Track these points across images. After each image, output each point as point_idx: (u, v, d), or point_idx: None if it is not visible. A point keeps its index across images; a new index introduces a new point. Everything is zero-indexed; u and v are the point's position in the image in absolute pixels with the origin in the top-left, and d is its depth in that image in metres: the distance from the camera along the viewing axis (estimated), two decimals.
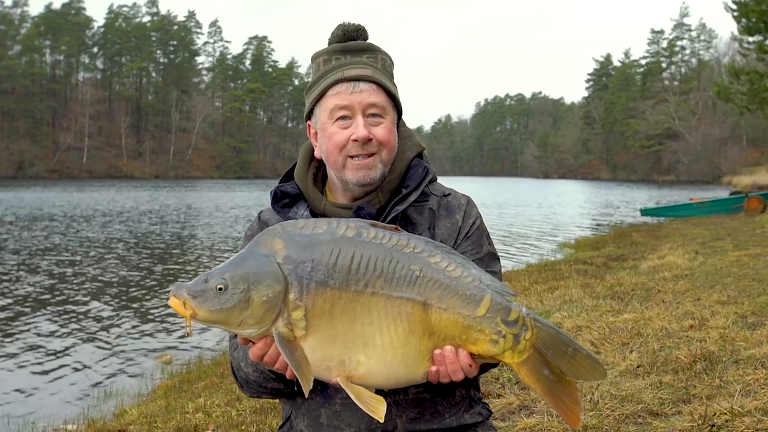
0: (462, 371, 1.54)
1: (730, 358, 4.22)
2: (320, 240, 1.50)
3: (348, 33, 1.84)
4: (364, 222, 1.56)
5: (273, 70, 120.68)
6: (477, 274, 1.55)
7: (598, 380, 1.97)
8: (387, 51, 1.88)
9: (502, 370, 4.48)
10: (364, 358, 1.49)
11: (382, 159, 1.79)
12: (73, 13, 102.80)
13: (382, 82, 1.79)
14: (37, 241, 18.41)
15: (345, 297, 1.48)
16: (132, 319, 9.74)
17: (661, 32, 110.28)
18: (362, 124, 1.75)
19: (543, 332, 1.55)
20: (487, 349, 1.53)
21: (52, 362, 7.60)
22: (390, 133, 1.79)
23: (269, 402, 4.51)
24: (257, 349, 1.54)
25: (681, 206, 24.12)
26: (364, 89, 1.76)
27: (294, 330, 1.48)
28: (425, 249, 1.54)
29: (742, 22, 24.49)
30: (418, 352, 1.52)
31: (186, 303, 1.47)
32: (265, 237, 1.52)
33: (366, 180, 1.78)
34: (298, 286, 1.47)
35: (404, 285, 1.49)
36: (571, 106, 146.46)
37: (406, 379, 1.55)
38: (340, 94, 1.76)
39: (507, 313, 1.53)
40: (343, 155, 1.77)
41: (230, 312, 1.46)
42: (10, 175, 79.26)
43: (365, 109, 1.76)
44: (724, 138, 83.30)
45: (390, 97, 1.81)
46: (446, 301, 1.51)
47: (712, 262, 9.18)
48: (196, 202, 38.95)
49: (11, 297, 11.03)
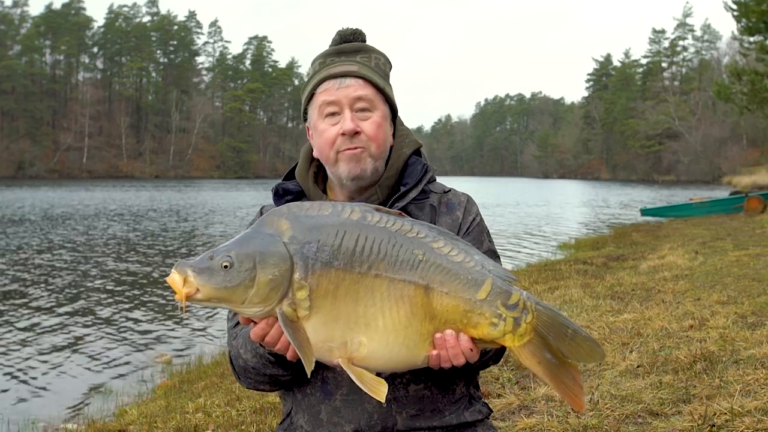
0: (463, 355, 1.55)
1: (730, 358, 4.22)
2: (326, 222, 1.51)
3: (344, 37, 1.86)
4: (369, 206, 1.58)
5: (273, 70, 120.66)
6: (479, 260, 1.56)
7: (597, 361, 1.99)
8: (384, 52, 1.88)
9: (502, 370, 4.48)
10: (366, 339, 1.50)
11: (372, 153, 1.80)
12: (73, 13, 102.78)
13: (368, 76, 1.80)
14: (36, 241, 18.41)
15: (349, 278, 1.49)
16: (132, 318, 9.74)
17: (662, 32, 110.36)
18: (349, 117, 1.77)
19: (543, 315, 1.55)
20: (488, 333, 1.54)
21: (52, 362, 7.60)
22: (379, 128, 1.80)
23: (269, 402, 4.51)
24: (259, 329, 1.55)
25: (681, 206, 24.11)
26: (350, 84, 1.78)
27: (297, 310, 1.48)
28: (428, 234, 1.55)
29: (743, 22, 24.51)
30: (420, 335, 1.53)
31: (188, 280, 1.46)
32: (271, 217, 1.53)
33: (356, 172, 1.79)
34: (303, 266, 1.47)
35: (407, 268, 1.51)
36: (571, 106, 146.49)
37: (406, 362, 1.56)
38: (328, 90, 1.78)
39: (507, 296, 1.53)
40: (334, 151, 1.79)
41: (235, 290, 1.46)
42: (10, 175, 79.28)
43: (352, 103, 1.78)
44: (724, 138, 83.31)
45: (380, 92, 1.82)
46: (448, 284, 1.52)
47: (712, 262, 9.18)
48: (196, 201, 38.95)
49: (11, 297, 11.03)
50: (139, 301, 10.99)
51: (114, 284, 12.40)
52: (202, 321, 9.57)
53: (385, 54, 1.88)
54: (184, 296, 1.46)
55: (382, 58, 1.87)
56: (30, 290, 11.65)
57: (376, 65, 1.84)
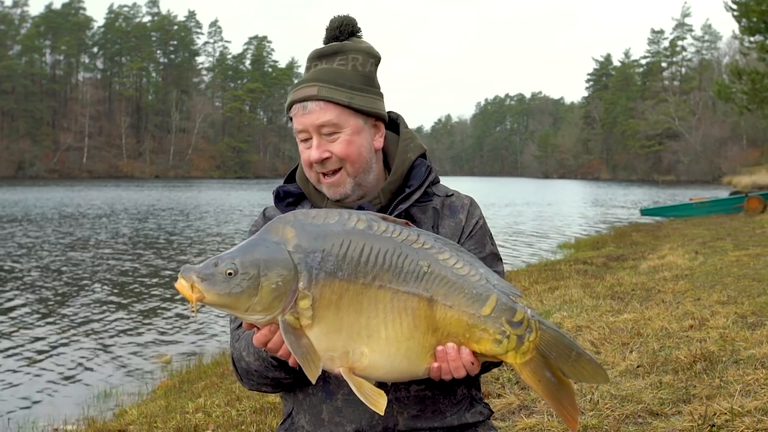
0: (464, 368, 1.55)
1: (730, 358, 4.21)
2: (331, 231, 1.51)
3: (330, 32, 1.84)
4: (376, 215, 1.57)
5: (273, 70, 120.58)
6: (484, 273, 1.56)
7: (600, 383, 1.99)
8: (369, 44, 1.85)
9: (503, 371, 4.48)
10: (367, 350, 1.50)
11: (349, 172, 1.79)
12: (73, 13, 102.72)
13: (328, 98, 1.76)
14: (36, 241, 18.40)
15: (353, 289, 1.48)
16: (132, 318, 9.73)
17: (661, 32, 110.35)
18: (315, 145, 1.78)
19: (547, 335, 1.55)
20: (491, 349, 1.54)
21: (52, 362, 7.59)
22: (349, 145, 1.78)
23: (269, 402, 4.51)
24: (261, 336, 1.55)
25: (681, 206, 24.12)
26: (313, 110, 1.77)
27: (300, 319, 1.48)
28: (434, 245, 1.55)
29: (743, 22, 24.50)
30: (422, 347, 1.52)
31: (194, 286, 1.46)
32: (277, 224, 1.53)
33: (337, 196, 1.82)
34: (308, 275, 1.47)
35: (411, 280, 1.50)
36: (571, 106, 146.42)
37: (408, 373, 1.56)
38: (296, 116, 1.80)
39: (512, 313, 1.53)
40: (314, 172, 1.82)
41: (238, 297, 1.47)
42: (10, 175, 79.27)
43: (317, 129, 1.78)
44: (724, 138, 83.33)
45: (347, 108, 1.77)
46: (452, 298, 1.51)
47: (712, 262, 9.18)
48: (197, 201, 38.95)
49: (10, 297, 11.03)
50: (139, 300, 10.99)
51: (114, 284, 12.39)
52: (202, 321, 9.57)
53: (367, 49, 1.83)
54: (195, 301, 1.46)
55: (361, 57, 1.82)
56: (30, 290, 11.64)
57: (352, 68, 1.80)
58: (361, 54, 1.82)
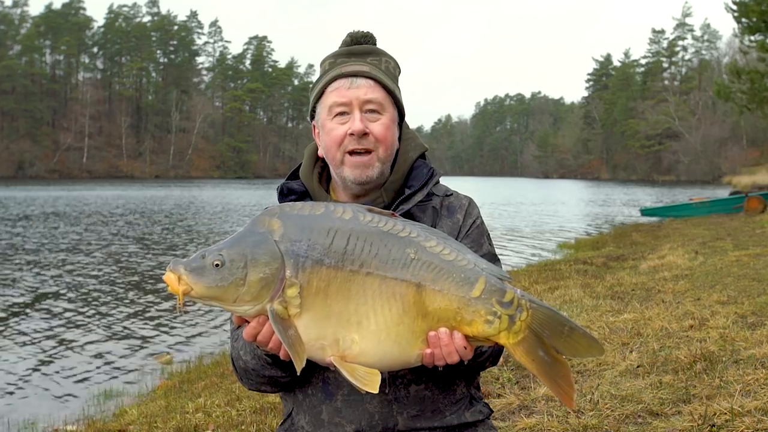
0: (456, 353, 1.55)
1: (730, 358, 4.21)
2: (317, 221, 1.53)
3: (355, 39, 1.88)
4: (361, 207, 1.59)
5: (273, 70, 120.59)
6: (472, 259, 1.57)
7: (596, 356, 2.00)
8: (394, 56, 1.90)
9: (502, 370, 4.48)
10: (358, 337, 1.51)
11: (380, 156, 1.81)
12: (73, 13, 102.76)
13: (379, 78, 1.80)
14: (36, 241, 18.40)
15: (340, 276, 1.49)
16: (132, 318, 9.73)
17: (662, 32, 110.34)
18: (359, 118, 1.77)
19: (539, 313, 1.56)
20: (483, 330, 1.54)
21: (52, 362, 7.59)
22: (387, 130, 1.81)
23: (269, 402, 4.51)
24: (251, 328, 1.56)
25: (681, 206, 24.12)
26: (362, 84, 1.79)
27: (288, 308, 1.49)
28: (420, 234, 1.57)
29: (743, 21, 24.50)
30: (412, 332, 1.53)
31: (182, 278, 1.48)
32: (263, 217, 1.55)
33: (363, 178, 1.80)
34: (294, 263, 1.49)
35: (399, 267, 1.52)
36: (571, 106, 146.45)
37: (399, 359, 1.56)
38: (339, 90, 1.79)
39: (502, 294, 1.54)
40: (341, 151, 1.80)
41: (226, 288, 1.48)
42: (10, 175, 79.27)
43: (362, 104, 1.78)
44: (724, 138, 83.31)
45: (390, 95, 1.83)
46: (440, 283, 1.52)
47: (712, 262, 9.18)
48: (197, 201, 38.95)
49: (10, 296, 11.03)
50: (139, 300, 10.99)
51: (114, 284, 12.39)
52: (202, 321, 9.56)
53: (394, 58, 1.89)
54: (182, 294, 1.47)
55: (392, 61, 1.88)
56: (29, 290, 11.64)
57: (386, 68, 1.85)
58: (392, 60, 1.89)
